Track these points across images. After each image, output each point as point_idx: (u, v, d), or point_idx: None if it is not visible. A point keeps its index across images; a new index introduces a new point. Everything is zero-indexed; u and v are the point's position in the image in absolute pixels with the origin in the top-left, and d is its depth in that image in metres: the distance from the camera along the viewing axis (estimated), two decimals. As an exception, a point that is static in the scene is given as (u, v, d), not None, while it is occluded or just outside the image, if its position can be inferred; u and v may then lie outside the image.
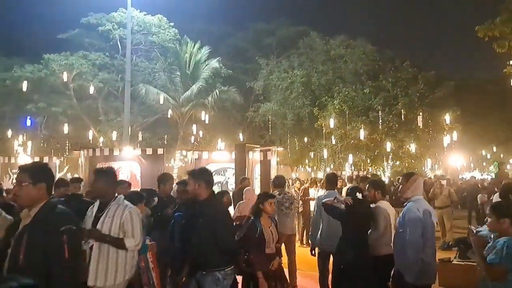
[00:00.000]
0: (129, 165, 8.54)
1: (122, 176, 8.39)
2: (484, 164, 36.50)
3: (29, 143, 26.73)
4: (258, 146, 8.51)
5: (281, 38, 30.73)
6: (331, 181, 6.06)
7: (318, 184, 10.09)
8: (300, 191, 9.34)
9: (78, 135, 27.71)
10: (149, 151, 8.82)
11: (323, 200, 5.32)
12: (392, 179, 17.98)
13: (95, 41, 27.30)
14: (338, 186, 9.10)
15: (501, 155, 33.46)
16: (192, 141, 27.58)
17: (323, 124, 19.78)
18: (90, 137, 26.21)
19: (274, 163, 8.52)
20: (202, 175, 3.84)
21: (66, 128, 24.09)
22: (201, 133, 26.82)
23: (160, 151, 8.81)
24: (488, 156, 33.27)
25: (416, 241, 3.92)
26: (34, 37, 30.72)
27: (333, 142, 19.83)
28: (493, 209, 3.51)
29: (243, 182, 7.24)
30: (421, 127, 17.65)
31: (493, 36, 8.27)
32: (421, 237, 3.94)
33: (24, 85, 21.86)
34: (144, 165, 8.51)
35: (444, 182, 10.56)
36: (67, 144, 27.30)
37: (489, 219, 3.57)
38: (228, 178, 8.88)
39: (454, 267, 6.55)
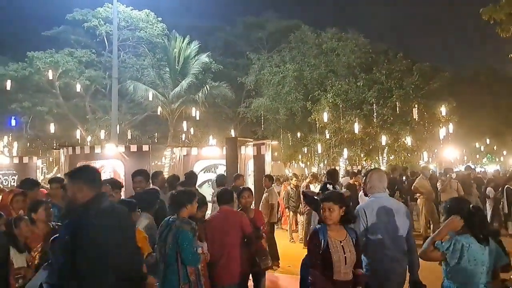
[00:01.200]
0: (112, 164, 7.98)
1: (104, 175, 7.85)
2: (478, 156, 36.40)
3: (15, 144, 26.07)
4: (251, 139, 7.84)
5: (271, 32, 30.27)
6: (332, 176, 5.76)
7: (319, 179, 9.54)
8: (302, 188, 8.77)
9: (65, 135, 27.07)
10: (133, 148, 8.18)
11: (304, 190, 5.08)
12: (387, 173, 17.55)
13: (81, 38, 26.69)
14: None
15: (495, 147, 33.38)
16: (183, 139, 27.08)
17: (316, 119, 19.39)
18: (78, 137, 25.59)
19: (268, 158, 7.84)
20: (83, 174, 2.91)
21: (52, 128, 23.45)
22: (192, 130, 26.29)
23: (145, 147, 8.21)
24: (482, 149, 33.12)
25: None
26: (19, 36, 29.98)
27: (327, 136, 19.42)
28: (444, 207, 3.37)
29: (237, 180, 6.65)
30: (416, 119, 17.26)
31: (498, 20, 7.86)
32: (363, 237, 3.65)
33: (8, 84, 21.23)
34: (128, 163, 7.89)
35: (454, 175, 10.02)
36: (55, 144, 26.61)
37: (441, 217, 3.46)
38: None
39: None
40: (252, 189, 7.39)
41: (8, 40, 29.60)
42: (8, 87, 21.39)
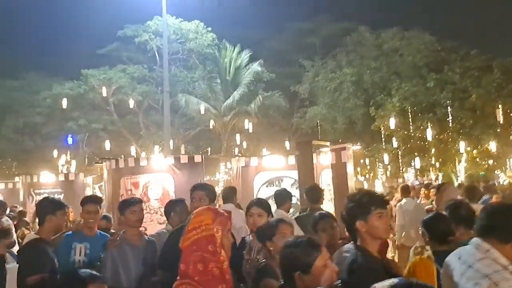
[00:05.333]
0: (161, 178, 6.87)
1: (151, 193, 6.75)
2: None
3: (73, 162, 26.35)
4: (327, 143, 6.17)
5: (324, 37, 28.89)
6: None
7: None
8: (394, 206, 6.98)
9: (120, 151, 27.02)
10: (184, 159, 7.01)
11: None
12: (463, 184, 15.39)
13: (133, 54, 26.82)
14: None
15: None
16: (236, 152, 26.16)
17: (381, 126, 17.71)
18: (133, 153, 25.39)
19: (350, 168, 6.03)
20: None
21: (108, 145, 23.36)
22: (245, 143, 25.33)
23: (197, 158, 6.97)
24: None
25: None
26: (75, 56, 30.63)
27: (394, 145, 17.60)
28: None
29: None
30: (501, 122, 15.03)
31: None
32: None
33: (64, 103, 21.41)
34: (179, 177, 6.74)
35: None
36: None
37: None
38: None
39: None
40: (332, 209, 5.93)
41: (63, 60, 30.46)
42: (64, 106, 21.58)
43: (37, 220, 5.62)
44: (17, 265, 3.53)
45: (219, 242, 2.05)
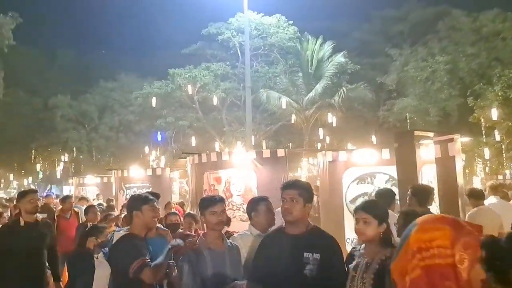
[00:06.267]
0: (243, 174, 6.68)
1: (233, 188, 6.58)
2: None
3: (162, 158, 27.75)
4: (430, 134, 5.24)
5: (414, 24, 27.02)
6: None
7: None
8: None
9: (205, 147, 27.84)
10: (266, 153, 6.72)
11: None
12: None
13: (216, 52, 27.37)
14: None
15: None
16: (319, 148, 25.56)
17: (481, 117, 16.09)
18: (217, 149, 25.99)
19: (459, 163, 5.02)
20: None
21: (193, 141, 24.16)
22: (327, 138, 24.61)
23: (280, 152, 6.66)
24: None
25: None
26: (163, 57, 32.22)
27: (497, 138, 15.88)
28: None
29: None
30: None
31: None
32: None
33: (154, 101, 22.57)
34: (261, 172, 6.47)
35: None
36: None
37: None
38: (378, 188, 6.12)
39: None
40: (436, 212, 5.19)
41: (153, 61, 32.21)
42: (154, 104, 22.75)
43: (123, 214, 5.73)
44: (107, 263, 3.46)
45: (465, 278, 1.40)
